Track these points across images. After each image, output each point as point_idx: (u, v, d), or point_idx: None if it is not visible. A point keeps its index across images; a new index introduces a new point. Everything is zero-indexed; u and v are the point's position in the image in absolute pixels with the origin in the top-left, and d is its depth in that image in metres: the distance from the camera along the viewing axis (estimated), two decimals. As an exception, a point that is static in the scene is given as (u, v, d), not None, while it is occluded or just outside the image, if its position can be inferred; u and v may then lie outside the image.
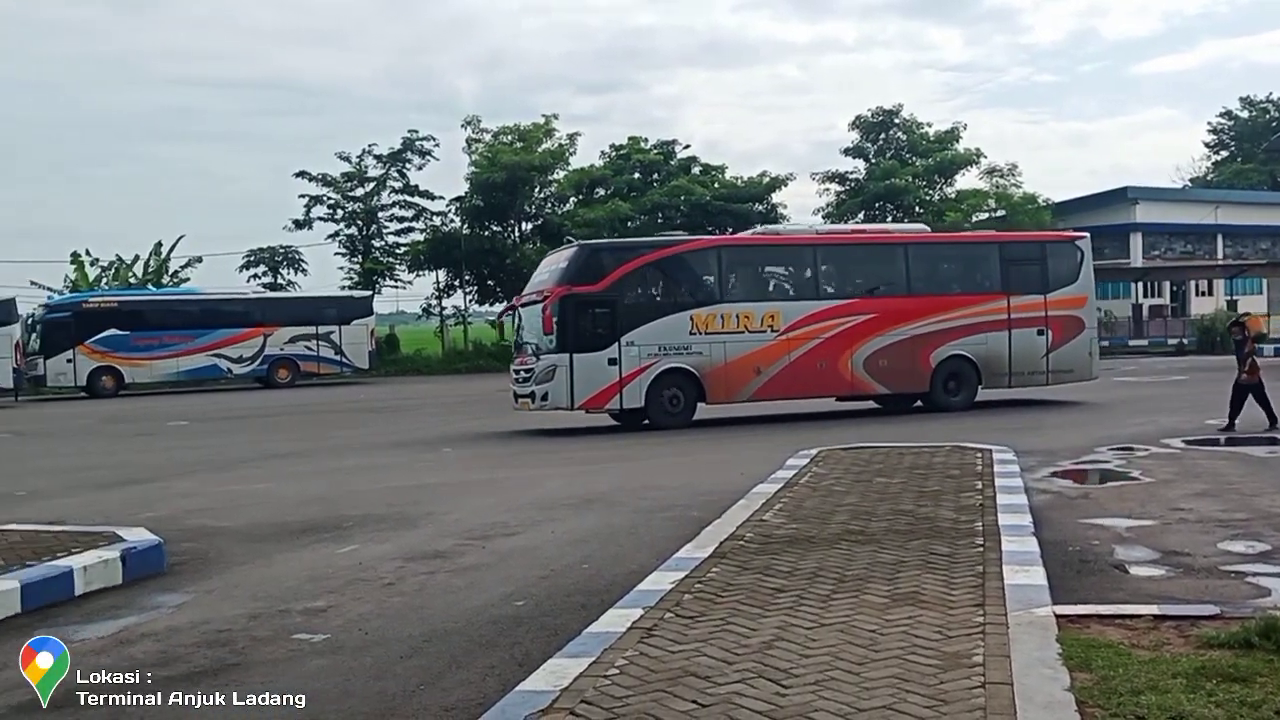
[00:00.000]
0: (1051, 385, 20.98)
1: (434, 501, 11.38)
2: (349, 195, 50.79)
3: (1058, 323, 20.73)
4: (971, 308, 20.46)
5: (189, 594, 7.66)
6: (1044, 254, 21.73)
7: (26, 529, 9.08)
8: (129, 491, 13.13)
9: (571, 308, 18.21)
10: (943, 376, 20.18)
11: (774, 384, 19.37)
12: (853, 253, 21.25)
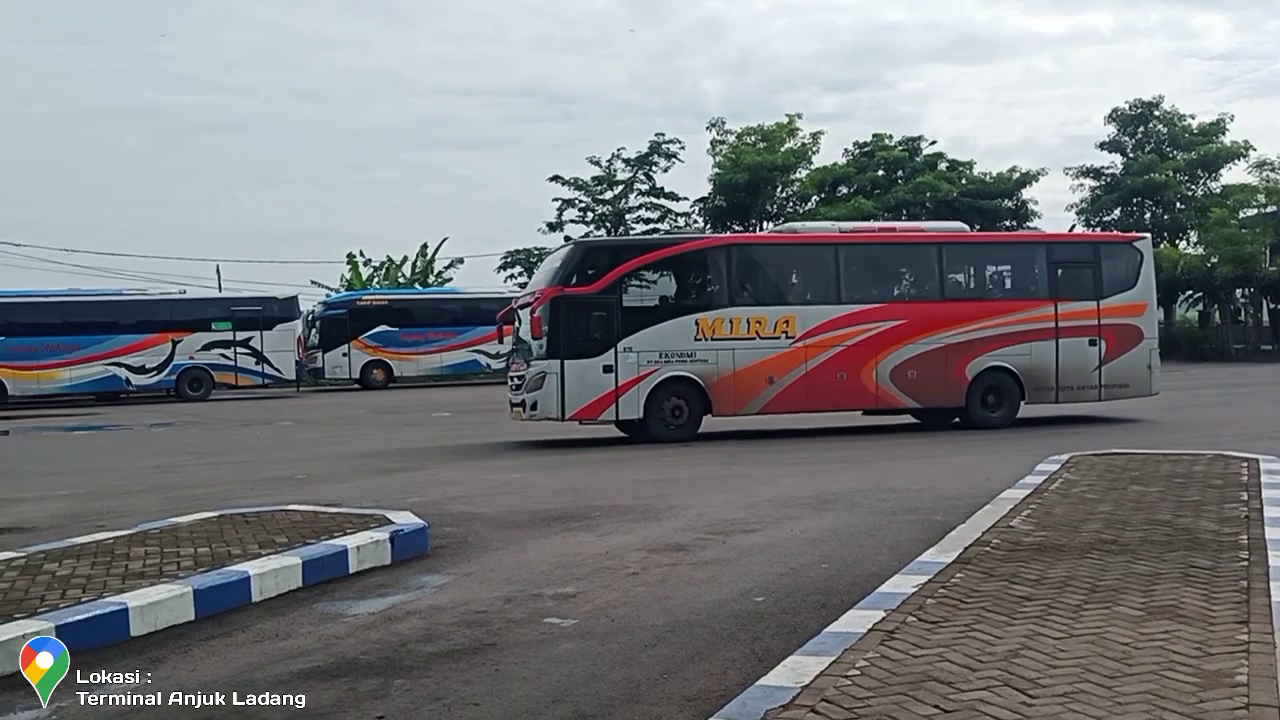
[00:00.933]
0: (1105, 401, 19.17)
1: (675, 495, 11.62)
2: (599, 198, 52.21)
3: (1113, 332, 18.94)
4: (1013, 314, 18.85)
5: (450, 575, 8.13)
6: (1097, 256, 19.86)
7: (307, 510, 9.85)
8: (397, 478, 14.03)
9: (563, 311, 16.99)
10: (981, 390, 18.63)
11: (788, 395, 18.01)
12: (879, 253, 19.67)
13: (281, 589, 7.52)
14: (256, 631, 6.70)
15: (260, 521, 9.24)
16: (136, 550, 8.20)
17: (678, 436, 17.34)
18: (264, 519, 9.38)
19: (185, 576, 7.33)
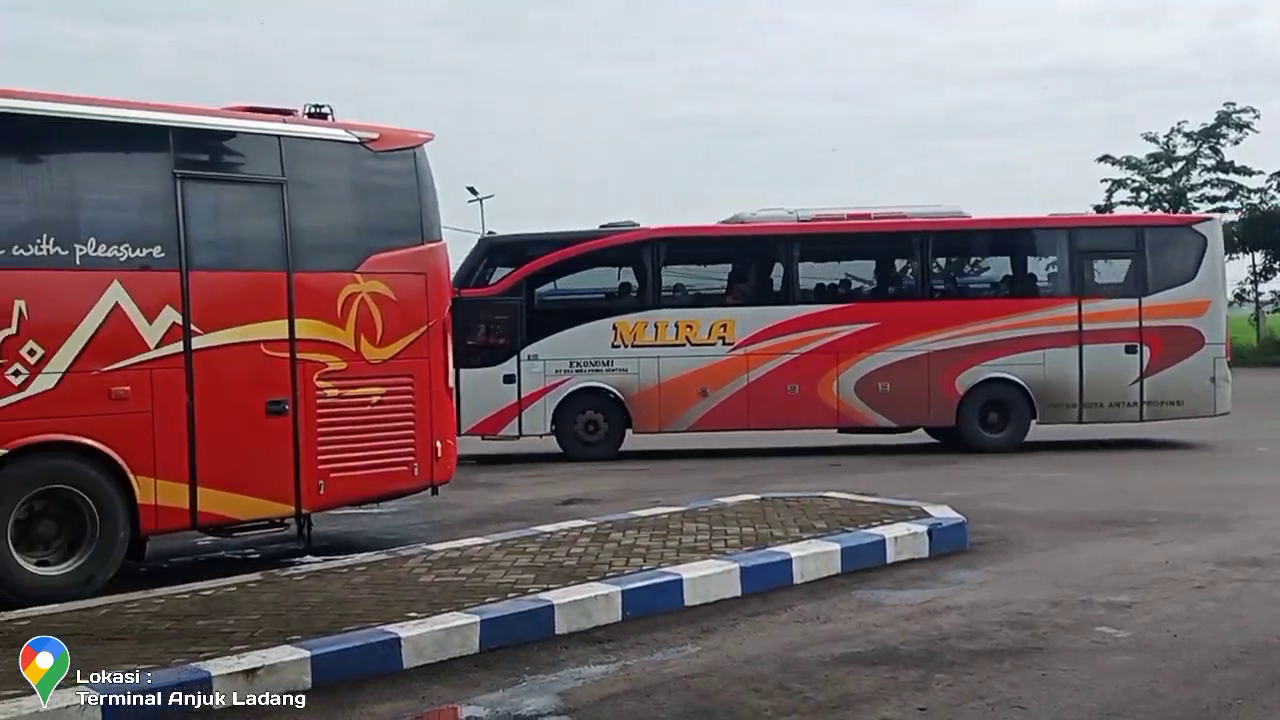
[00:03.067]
0: (1150, 420, 15.52)
1: (1248, 503, 10.44)
2: (1154, 177, 48.31)
3: (1160, 336, 15.28)
4: (1019, 315, 15.54)
5: (989, 573, 7.87)
6: (1140, 243, 15.83)
7: (845, 497, 9.98)
8: (932, 470, 13.91)
9: (458, 315, 13.94)
10: (978, 406, 15.48)
11: (725, 410, 15.47)
12: (843, 245, 16.47)
13: (820, 573, 7.68)
14: (798, 612, 6.89)
15: (800, 506, 9.50)
16: (689, 526, 8.75)
17: (595, 455, 15.44)
18: (803, 504, 9.63)
19: (732, 554, 7.71)
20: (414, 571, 7.43)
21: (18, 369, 7.24)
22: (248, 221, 8.55)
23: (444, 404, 9.42)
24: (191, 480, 7.91)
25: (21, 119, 7.51)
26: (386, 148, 9.15)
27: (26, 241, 7.32)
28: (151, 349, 7.78)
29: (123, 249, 7.70)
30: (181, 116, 8.30)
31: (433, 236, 9.40)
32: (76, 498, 7.52)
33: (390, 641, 5.89)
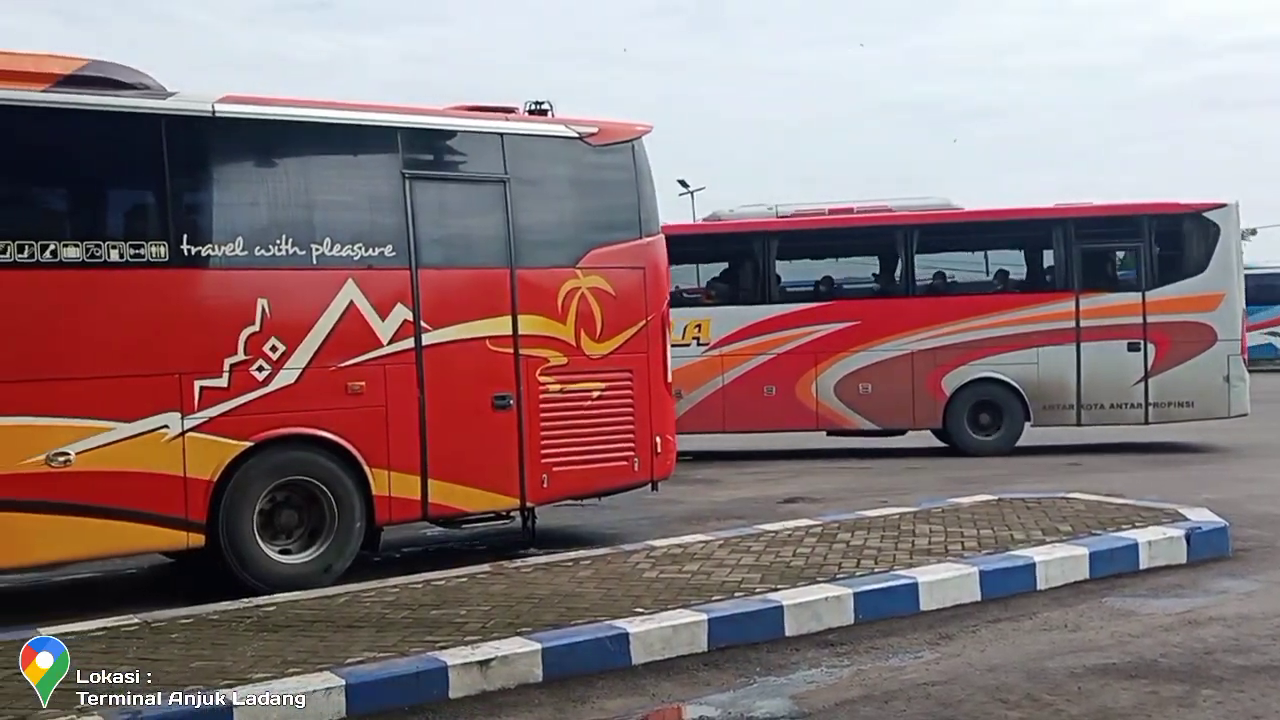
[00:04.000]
0: (1156, 423, 14.63)
1: None
2: None
3: (1166, 332, 14.29)
4: (1010, 312, 14.71)
5: (1257, 583, 7.24)
6: (1145, 232, 14.76)
7: (1090, 499, 9.39)
8: (1183, 470, 12.97)
9: None
10: (967, 407, 14.73)
11: (700, 413, 14.44)
12: (822, 242, 15.68)
13: (1067, 579, 7.22)
14: (1044, 620, 6.49)
15: (1041, 507, 8.98)
16: (921, 527, 8.40)
17: None
18: (1044, 505, 9.11)
19: (970, 557, 7.34)
20: (638, 567, 7.38)
21: (261, 365, 7.55)
22: (472, 219, 8.69)
23: (663, 399, 9.37)
24: (423, 473, 8.09)
25: (260, 124, 7.84)
26: (606, 141, 9.15)
27: (267, 242, 7.64)
28: (384, 345, 7.99)
29: (356, 248, 7.93)
30: (409, 117, 8.53)
31: (651, 230, 9.36)
32: (316, 489, 7.80)
33: (619, 637, 5.83)
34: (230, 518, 7.45)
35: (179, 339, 7.33)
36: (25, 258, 6.85)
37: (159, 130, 7.36)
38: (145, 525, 7.17)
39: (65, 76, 7.14)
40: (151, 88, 7.42)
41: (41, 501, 6.84)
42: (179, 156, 7.47)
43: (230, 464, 7.44)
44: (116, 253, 7.17)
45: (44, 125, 7.17)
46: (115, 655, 5.59)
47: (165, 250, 7.28)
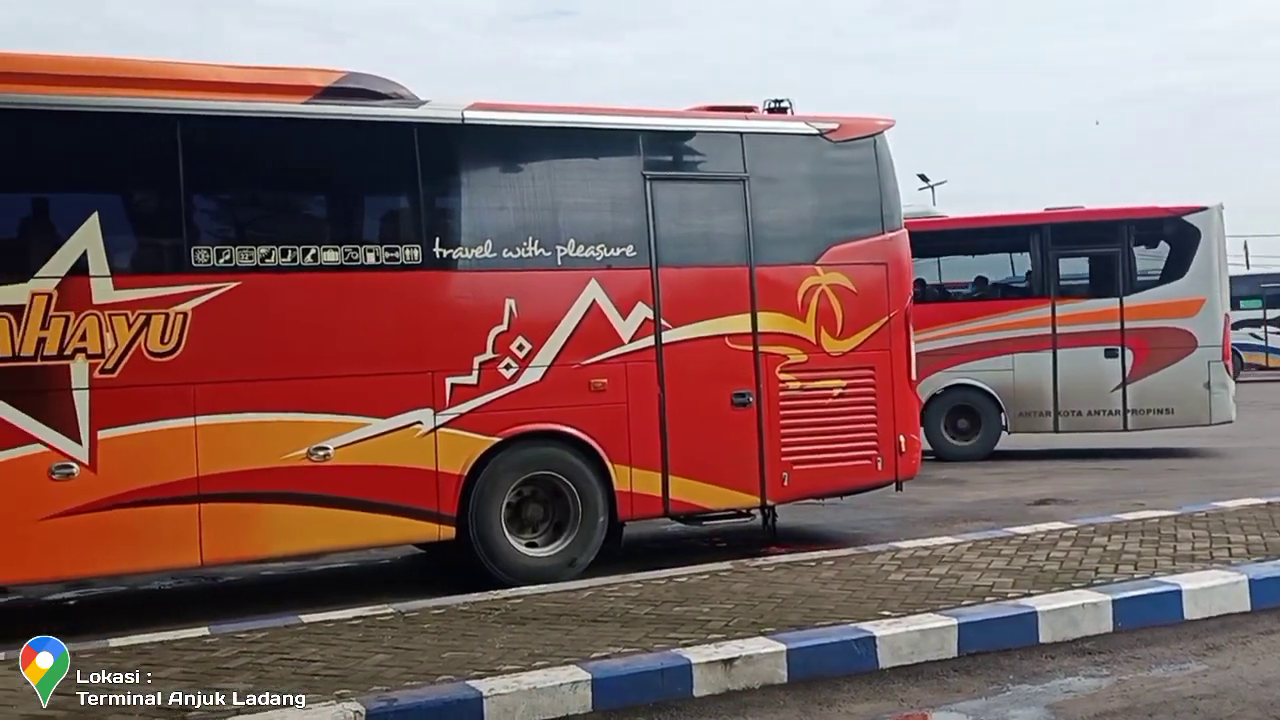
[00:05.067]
0: (1135, 430, 14.19)
1: None
2: None
3: (1144, 339, 13.89)
4: (985, 319, 14.53)
5: None
6: (1120, 238, 14.31)
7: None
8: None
9: None
10: (943, 413, 14.40)
11: None
12: None
13: (1355, 591, 6.60)
14: (1327, 633, 5.95)
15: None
16: (1183, 532, 7.89)
17: None
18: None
19: (1238, 564, 6.85)
20: (883, 569, 7.19)
21: (509, 363, 7.76)
22: (712, 218, 8.67)
23: (907, 397, 9.12)
24: (664, 469, 8.15)
25: (507, 130, 8.07)
26: (846, 137, 9.01)
27: (514, 244, 7.84)
28: (625, 343, 8.09)
29: (598, 249, 8.06)
30: (649, 120, 8.60)
31: (893, 225, 9.15)
32: (561, 484, 7.96)
33: (865, 640, 5.68)
34: (479, 511, 7.69)
35: (431, 338, 7.62)
36: (289, 262, 7.27)
37: (411, 138, 7.68)
38: (399, 517, 7.49)
39: (325, 88, 7.53)
40: (405, 97, 7.75)
41: (302, 494, 7.24)
42: (430, 163, 7.77)
43: (479, 459, 7.68)
44: (373, 256, 7.52)
45: (305, 135, 7.58)
46: (371, 644, 5.84)
47: (418, 253, 7.59)
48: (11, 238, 6.99)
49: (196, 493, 6.95)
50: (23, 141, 6.93)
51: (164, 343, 6.89)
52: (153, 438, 6.87)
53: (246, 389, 7.12)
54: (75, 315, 6.68)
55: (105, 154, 7.11)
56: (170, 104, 7.07)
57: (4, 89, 6.71)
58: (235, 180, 7.57)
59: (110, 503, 6.75)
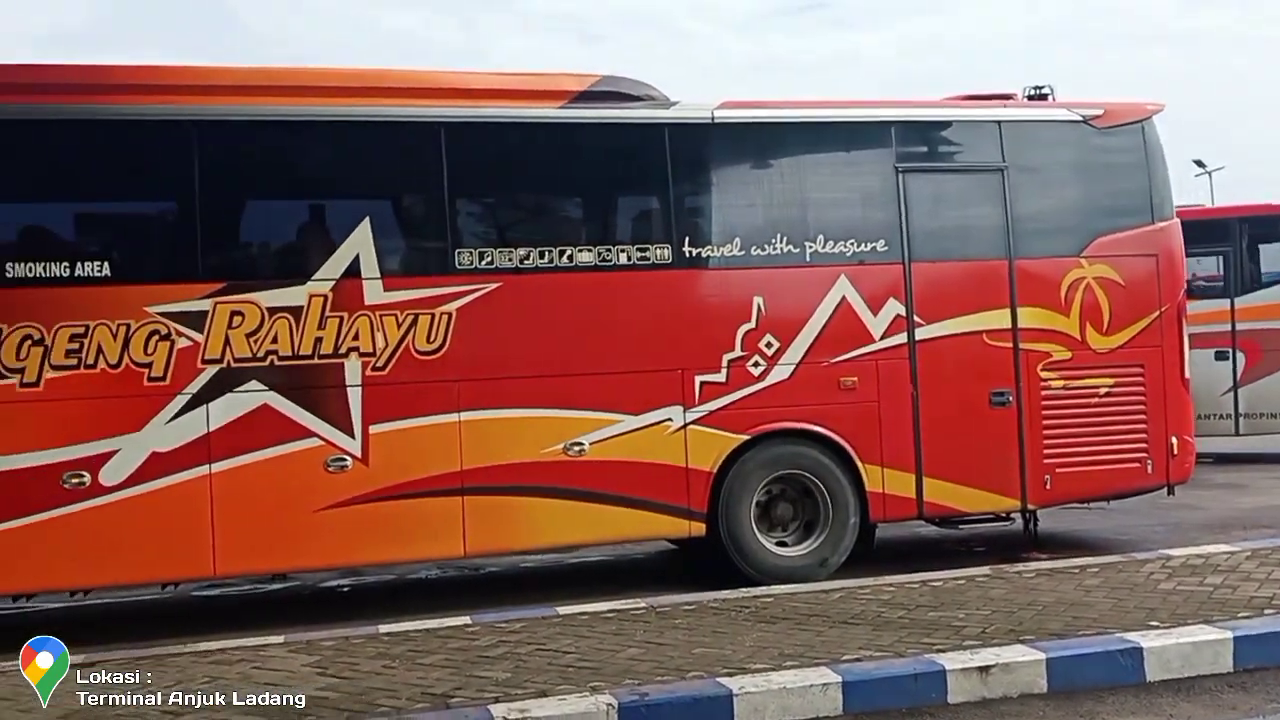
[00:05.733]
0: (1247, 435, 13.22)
1: None
2: None
3: (1257, 339, 13.05)
4: None
5: None
6: (1235, 236, 13.22)
7: None
8: None
9: None
10: None
11: None
12: None
13: None
14: None
15: None
16: None
17: None
18: None
19: None
20: (1152, 577, 6.75)
21: (757, 360, 7.74)
22: (968, 210, 8.39)
23: (1180, 397, 8.55)
24: (917, 470, 7.94)
25: (756, 128, 8.06)
26: (1112, 123, 8.55)
27: (763, 242, 7.81)
28: (876, 340, 7.93)
29: (848, 244, 7.93)
30: (901, 111, 8.40)
31: (1164, 215, 8.62)
32: (810, 483, 7.87)
33: (1131, 651, 5.35)
34: (729, 508, 7.70)
35: (681, 336, 7.68)
36: (545, 263, 7.48)
37: (663, 139, 7.77)
38: (650, 513, 7.58)
39: (580, 93, 7.71)
40: (657, 98, 7.85)
41: (559, 488, 7.43)
42: (681, 162, 7.83)
43: (729, 456, 7.69)
44: (625, 256, 7.65)
45: (561, 139, 7.79)
46: (624, 637, 5.93)
47: (669, 252, 7.67)
48: (291, 242, 7.52)
49: (460, 486, 7.25)
50: (301, 151, 7.43)
51: (430, 341, 7.22)
52: (420, 433, 7.22)
53: (506, 386, 7.37)
54: (349, 316, 7.10)
55: (375, 161, 7.53)
56: (435, 112, 7.41)
57: (280, 101, 7.19)
58: (495, 184, 7.85)
59: (381, 494, 7.13)
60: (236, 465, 6.89)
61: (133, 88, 7.01)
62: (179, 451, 6.82)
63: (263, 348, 6.95)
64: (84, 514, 6.64)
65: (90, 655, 6.01)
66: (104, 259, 6.85)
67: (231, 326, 6.91)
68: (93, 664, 5.76)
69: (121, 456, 6.71)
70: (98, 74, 7.08)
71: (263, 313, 6.96)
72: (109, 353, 6.70)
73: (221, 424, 6.88)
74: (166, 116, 6.98)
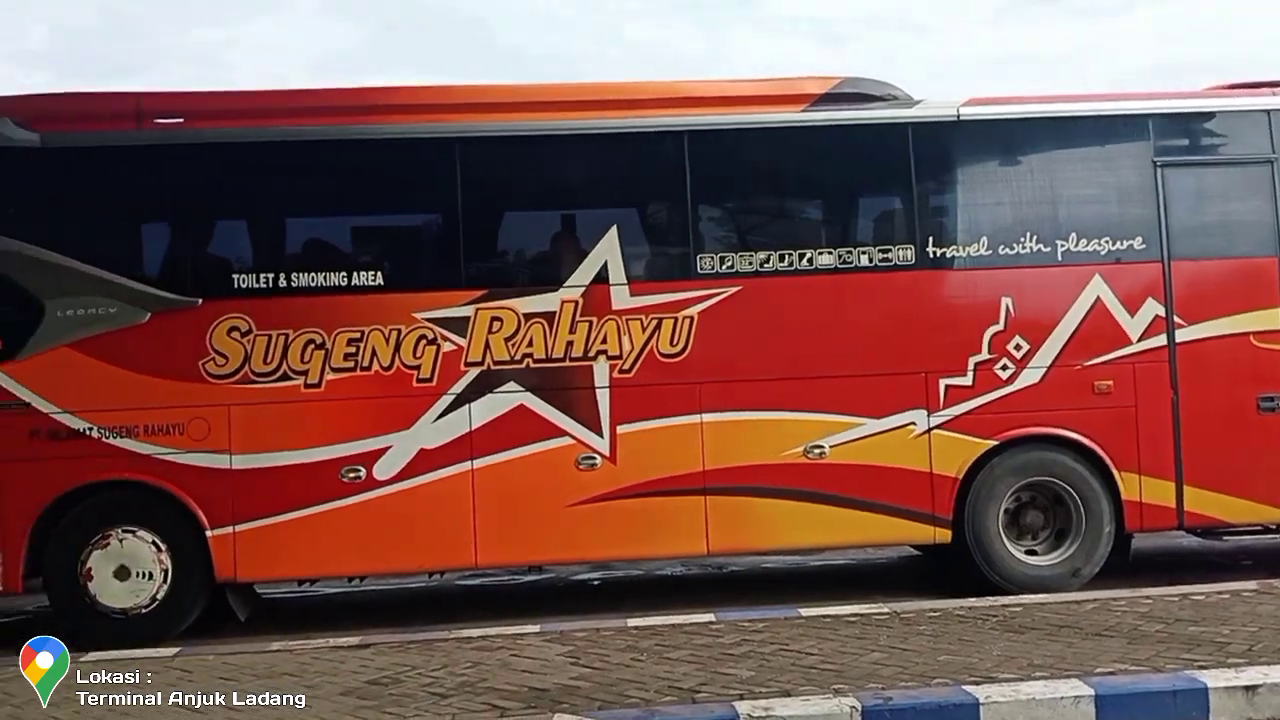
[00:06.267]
0: None
1: None
2: None
3: None
4: None
5: None
6: None
7: None
8: None
9: None
10: None
11: None
12: None
13: None
14: None
15: None
16: None
17: None
18: None
19: None
20: None
21: (1005, 364, 7.57)
22: (1233, 205, 7.93)
23: None
24: (1177, 478, 7.58)
25: (1004, 124, 7.86)
26: (1397, 110, 7.89)
27: (1011, 241, 7.63)
28: (1133, 343, 7.62)
29: (1102, 242, 7.66)
30: (1159, 103, 8.02)
31: None
32: (1062, 491, 7.64)
33: None
34: (976, 515, 7.56)
35: (924, 339, 7.59)
36: (785, 266, 7.55)
37: (905, 138, 7.70)
38: (893, 518, 7.52)
39: (822, 95, 7.73)
40: (900, 98, 7.78)
41: (800, 490, 7.47)
42: (925, 161, 7.74)
43: (975, 462, 7.55)
44: (866, 257, 7.63)
45: (802, 142, 7.81)
46: (867, 641, 5.94)
47: (911, 253, 7.60)
48: (544, 251, 7.87)
49: (702, 486, 7.41)
50: (553, 164, 7.77)
51: (673, 345, 7.42)
52: (663, 433, 7.42)
53: (747, 388, 7.48)
54: (597, 320, 7.38)
55: (622, 171, 7.80)
56: (679, 121, 7.60)
57: (534, 117, 7.54)
58: (736, 190, 7.98)
59: (627, 492, 7.37)
60: (496, 462, 7.29)
61: (401, 108, 7.51)
62: (445, 448, 7.27)
63: (519, 351, 7.33)
64: (360, 506, 7.18)
65: (367, 637, 6.52)
66: (377, 269, 7.39)
67: (491, 331, 7.31)
68: (368, 644, 6.25)
69: (394, 452, 7.23)
70: (370, 96, 7.62)
71: (519, 318, 7.33)
72: (382, 356, 7.22)
73: (482, 423, 7.29)
74: (433, 135, 7.45)
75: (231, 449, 7.13)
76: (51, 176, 7.29)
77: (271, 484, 7.14)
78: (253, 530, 7.13)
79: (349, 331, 7.20)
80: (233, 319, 7.15)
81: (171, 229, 7.60)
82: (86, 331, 7.08)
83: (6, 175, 7.22)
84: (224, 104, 7.52)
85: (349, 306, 7.25)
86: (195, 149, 7.32)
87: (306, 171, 7.59)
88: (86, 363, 7.06)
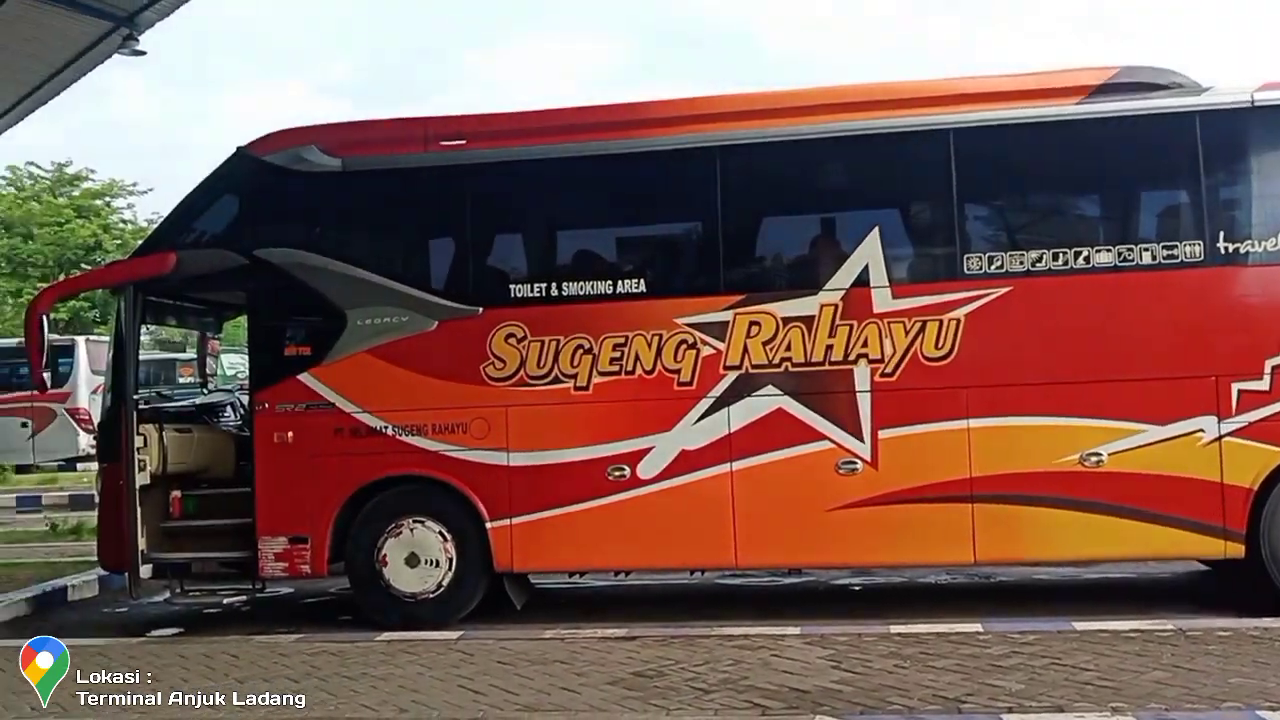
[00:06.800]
0: None
1: None
2: None
3: None
4: None
5: None
6: None
7: None
8: None
9: None
10: None
11: None
12: None
13: None
14: None
15: None
16: None
17: None
18: None
19: None
20: None
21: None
22: None
23: None
24: None
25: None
26: None
27: None
28: None
29: None
30: None
31: None
32: None
33: None
34: (1273, 529, 6.99)
35: (1214, 340, 7.10)
36: (1059, 265, 7.23)
37: (1192, 127, 7.23)
38: (1178, 530, 7.06)
39: (1098, 86, 7.37)
40: (1185, 85, 7.32)
41: (1075, 500, 7.13)
42: (1215, 151, 7.25)
43: (1272, 472, 6.99)
44: (1148, 255, 7.21)
45: (1077, 136, 7.46)
46: (1148, 659, 5.66)
47: (1200, 249, 7.13)
48: (803, 255, 7.86)
49: (969, 493, 7.20)
50: (812, 167, 7.77)
51: (938, 348, 7.26)
52: (928, 438, 7.26)
53: (1017, 392, 7.22)
54: (858, 324, 7.30)
55: (883, 172, 7.70)
56: (943, 119, 7.43)
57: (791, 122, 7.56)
58: (1005, 187, 7.73)
59: (890, 498, 7.26)
60: (754, 464, 7.35)
61: (660, 121, 7.71)
62: (705, 450, 7.39)
63: (777, 355, 7.36)
64: (625, 503, 7.41)
65: (632, 629, 6.74)
66: (640, 276, 7.63)
67: (749, 335, 7.38)
68: (634, 637, 6.46)
69: (656, 453, 7.42)
70: (627, 111, 7.88)
71: (777, 322, 7.37)
72: (644, 360, 7.44)
73: (741, 425, 7.37)
74: (692, 145, 7.60)
75: (509, 446, 7.54)
76: (351, 198, 7.94)
77: (544, 480, 7.49)
78: (527, 524, 7.50)
79: (614, 337, 7.45)
80: (510, 326, 7.55)
81: (456, 243, 8.08)
82: (382, 338, 7.67)
83: (313, 197, 7.98)
84: (500, 125, 7.93)
85: (614, 313, 7.50)
86: (475, 168, 7.79)
87: (573, 185, 7.95)
88: (382, 367, 7.65)
